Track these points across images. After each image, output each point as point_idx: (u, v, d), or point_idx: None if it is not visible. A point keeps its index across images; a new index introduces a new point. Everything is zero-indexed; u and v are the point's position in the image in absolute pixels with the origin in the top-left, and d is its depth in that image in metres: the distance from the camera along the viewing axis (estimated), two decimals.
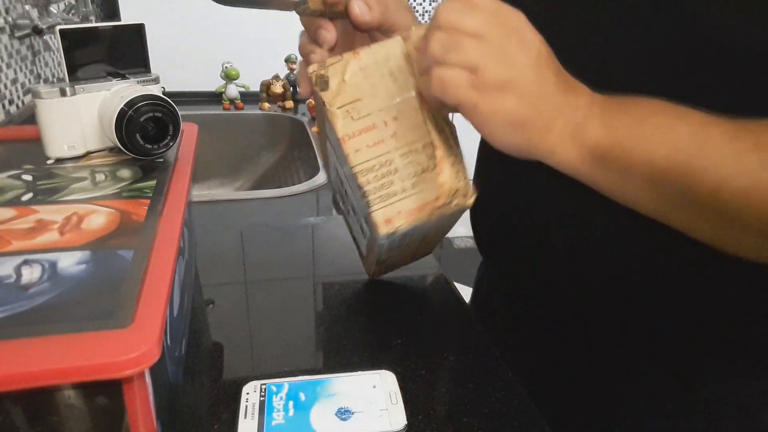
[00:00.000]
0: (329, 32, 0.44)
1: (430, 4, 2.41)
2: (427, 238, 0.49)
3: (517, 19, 0.34)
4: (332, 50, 0.45)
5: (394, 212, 0.40)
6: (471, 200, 0.41)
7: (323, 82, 0.40)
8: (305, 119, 1.26)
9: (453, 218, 0.44)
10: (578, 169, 0.35)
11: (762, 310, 0.41)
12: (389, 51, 0.40)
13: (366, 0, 0.42)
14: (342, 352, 0.49)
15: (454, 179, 0.40)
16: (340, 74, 0.40)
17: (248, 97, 1.36)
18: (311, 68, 0.41)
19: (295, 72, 1.36)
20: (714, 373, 0.44)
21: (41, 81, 1.12)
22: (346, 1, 0.42)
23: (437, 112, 0.41)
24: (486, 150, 0.55)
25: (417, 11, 2.43)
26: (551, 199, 0.45)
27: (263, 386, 0.43)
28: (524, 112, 0.34)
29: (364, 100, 0.41)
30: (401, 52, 0.41)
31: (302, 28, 0.46)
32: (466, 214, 0.58)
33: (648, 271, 0.42)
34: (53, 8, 1.05)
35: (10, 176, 0.49)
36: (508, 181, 0.50)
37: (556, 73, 0.35)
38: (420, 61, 0.38)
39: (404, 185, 0.40)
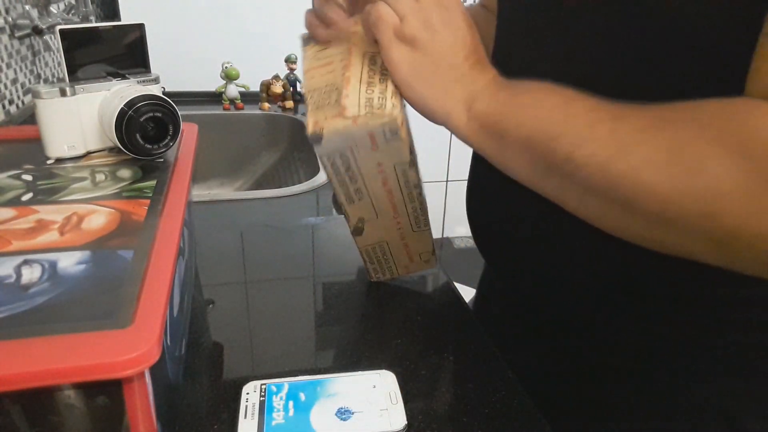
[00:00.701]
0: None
1: None
2: (389, 191, 0.49)
3: (453, 2, 0.41)
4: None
5: (321, 117, 0.45)
6: (384, 120, 0.42)
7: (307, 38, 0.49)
8: (305, 119, 1.26)
9: (391, 154, 0.45)
10: (468, 136, 0.40)
11: (744, 312, 0.41)
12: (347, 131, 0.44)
13: None
14: (342, 352, 0.49)
15: (360, 97, 0.43)
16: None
17: (248, 97, 1.35)
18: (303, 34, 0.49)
19: (295, 72, 1.36)
20: (697, 374, 0.44)
21: (41, 81, 1.12)
22: None
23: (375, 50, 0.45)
24: None
25: None
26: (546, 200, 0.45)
27: (263, 386, 0.43)
28: (425, 69, 0.40)
29: (331, 45, 0.47)
30: None
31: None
32: (464, 215, 0.58)
33: (639, 272, 0.42)
34: (53, 8, 1.05)
35: (10, 176, 0.49)
36: (504, 181, 0.50)
37: (470, 52, 0.41)
38: None
39: (331, 100, 0.45)
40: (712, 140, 0.30)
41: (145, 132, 0.52)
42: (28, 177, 0.49)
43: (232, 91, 1.32)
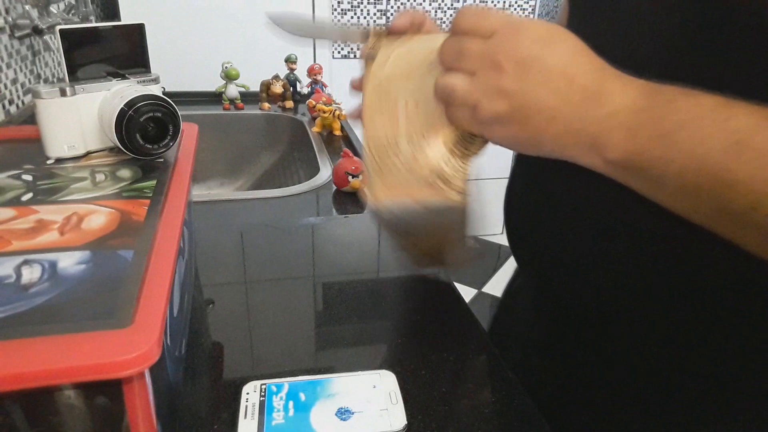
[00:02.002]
0: None
1: (429, 5, 2.41)
2: (434, 232, 0.47)
3: (526, 43, 0.34)
4: None
5: (379, 187, 0.41)
6: (455, 196, 0.40)
7: (371, 57, 0.43)
8: (305, 119, 1.26)
9: (451, 216, 0.43)
10: (609, 174, 0.34)
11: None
12: (436, 43, 0.39)
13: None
14: (342, 352, 0.49)
15: (440, 165, 0.40)
16: (389, 51, 0.42)
17: (248, 97, 1.36)
18: (369, 42, 0.43)
19: (294, 72, 1.36)
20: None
21: (41, 81, 1.12)
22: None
23: None
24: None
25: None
26: (588, 201, 0.43)
27: (263, 386, 0.43)
28: (529, 137, 0.35)
29: (396, 78, 0.42)
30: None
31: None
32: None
33: (683, 280, 0.40)
34: (53, 8, 1.05)
35: (10, 176, 0.49)
36: (544, 183, 0.48)
37: (576, 85, 0.33)
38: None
39: (396, 162, 0.41)
40: None
41: (145, 132, 0.52)
42: (28, 177, 0.49)
43: (232, 91, 1.32)
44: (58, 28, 0.52)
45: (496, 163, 2.27)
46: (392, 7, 2.38)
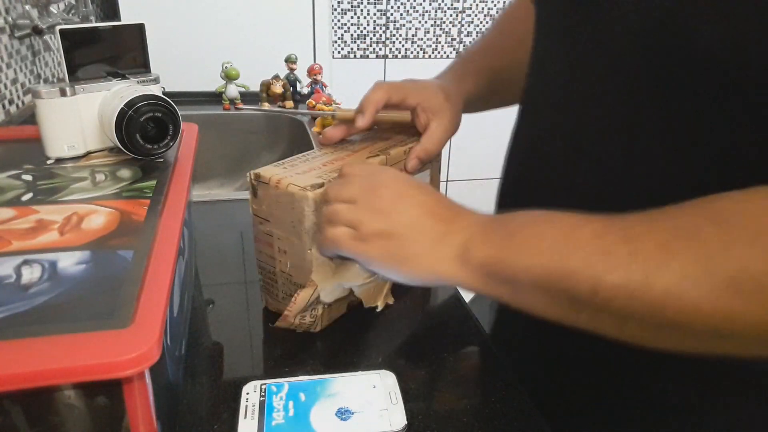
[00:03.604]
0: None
1: (429, 4, 2.41)
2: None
3: (388, 177, 0.43)
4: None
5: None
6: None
7: (252, 189, 0.49)
8: (305, 119, 1.26)
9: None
10: (478, 289, 0.38)
11: None
12: (296, 198, 0.45)
13: (364, 112, 0.53)
14: (342, 352, 0.49)
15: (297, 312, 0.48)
16: (264, 191, 0.48)
17: (248, 97, 1.35)
18: (252, 174, 0.48)
19: (294, 72, 1.36)
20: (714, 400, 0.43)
21: (41, 81, 1.12)
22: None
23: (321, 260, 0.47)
24: (515, 148, 0.54)
25: (417, 11, 2.43)
26: (581, 202, 0.44)
27: (263, 386, 0.43)
28: (401, 250, 0.40)
29: (272, 222, 0.48)
30: (304, 204, 0.45)
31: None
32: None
33: None
34: (53, 8, 1.05)
35: (10, 176, 0.49)
36: (535, 185, 0.49)
37: (439, 211, 0.41)
38: (317, 221, 0.45)
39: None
40: (750, 243, 0.28)
41: (145, 132, 0.52)
42: (28, 177, 0.49)
43: (232, 91, 1.32)
44: (58, 28, 0.52)
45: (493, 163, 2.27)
46: (392, 7, 2.38)
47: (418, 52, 2.49)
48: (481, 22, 2.51)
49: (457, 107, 0.57)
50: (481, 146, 2.71)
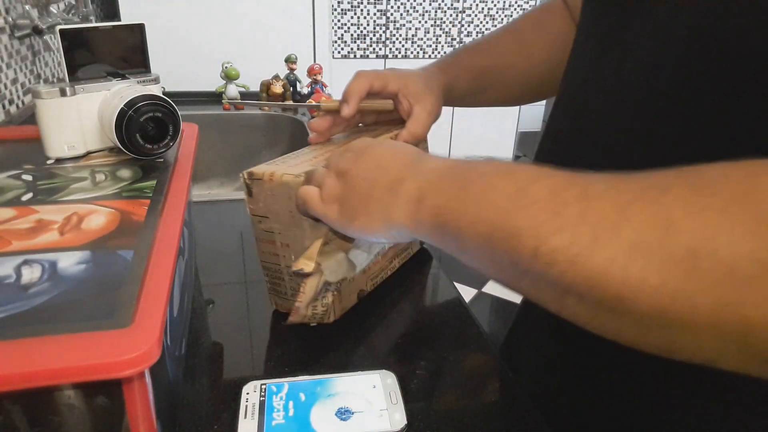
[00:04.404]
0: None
1: (429, 5, 2.41)
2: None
3: (364, 145, 0.42)
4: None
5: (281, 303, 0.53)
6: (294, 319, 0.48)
7: (247, 189, 0.49)
8: (305, 119, 1.26)
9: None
10: (431, 240, 0.37)
11: None
12: (291, 187, 0.46)
13: (348, 101, 0.54)
14: (342, 352, 0.49)
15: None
16: (259, 187, 0.48)
17: (248, 98, 1.36)
18: (245, 173, 0.48)
19: (295, 72, 1.36)
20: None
21: (41, 81, 1.12)
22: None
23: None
24: (544, 145, 0.54)
25: (417, 11, 2.43)
26: None
27: (263, 386, 0.43)
28: (357, 202, 0.40)
29: (270, 218, 0.48)
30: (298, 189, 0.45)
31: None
32: None
33: None
34: (53, 8, 1.05)
35: (10, 176, 0.49)
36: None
37: (389, 159, 0.40)
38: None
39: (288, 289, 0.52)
40: (721, 210, 0.24)
41: (145, 132, 0.52)
42: (28, 177, 0.49)
43: (232, 91, 1.32)
44: (58, 28, 0.52)
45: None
46: (392, 7, 2.38)
47: (418, 52, 2.49)
48: (481, 22, 2.51)
49: (437, 94, 0.58)
50: (481, 145, 2.72)
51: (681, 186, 0.26)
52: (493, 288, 2.26)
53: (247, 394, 0.42)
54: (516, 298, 1.59)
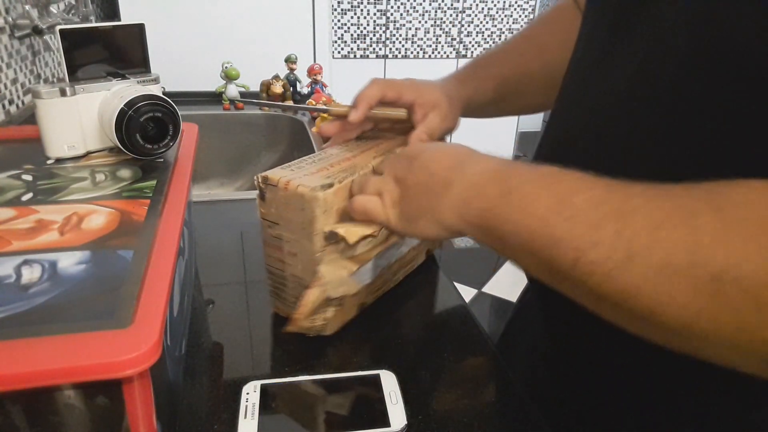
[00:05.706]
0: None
1: (429, 5, 2.41)
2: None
3: (415, 150, 0.43)
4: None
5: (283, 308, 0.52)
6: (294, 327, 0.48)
7: (260, 192, 0.48)
8: (305, 119, 1.26)
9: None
10: (480, 240, 0.38)
11: None
12: (305, 200, 0.45)
13: (357, 107, 0.54)
14: (342, 352, 0.49)
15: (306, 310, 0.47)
16: (273, 193, 0.47)
17: (248, 98, 1.35)
18: (260, 177, 0.48)
19: (294, 72, 1.36)
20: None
21: (41, 81, 1.12)
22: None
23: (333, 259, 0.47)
24: (544, 145, 0.54)
25: (417, 11, 2.43)
26: None
27: (263, 386, 0.43)
28: (413, 206, 0.41)
29: (281, 225, 0.48)
30: (315, 205, 0.45)
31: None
32: None
33: None
34: (53, 8, 1.05)
35: (10, 176, 0.49)
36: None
37: (440, 161, 0.41)
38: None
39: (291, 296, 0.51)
40: (746, 240, 0.26)
41: (145, 132, 0.52)
42: (28, 177, 0.49)
43: (232, 91, 1.32)
44: (58, 28, 0.52)
45: None
46: (392, 7, 2.38)
47: (418, 52, 2.49)
48: (481, 22, 2.51)
49: (455, 104, 0.57)
50: (481, 145, 2.71)
51: (708, 212, 0.27)
52: (492, 288, 2.26)
53: (247, 394, 0.42)
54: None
